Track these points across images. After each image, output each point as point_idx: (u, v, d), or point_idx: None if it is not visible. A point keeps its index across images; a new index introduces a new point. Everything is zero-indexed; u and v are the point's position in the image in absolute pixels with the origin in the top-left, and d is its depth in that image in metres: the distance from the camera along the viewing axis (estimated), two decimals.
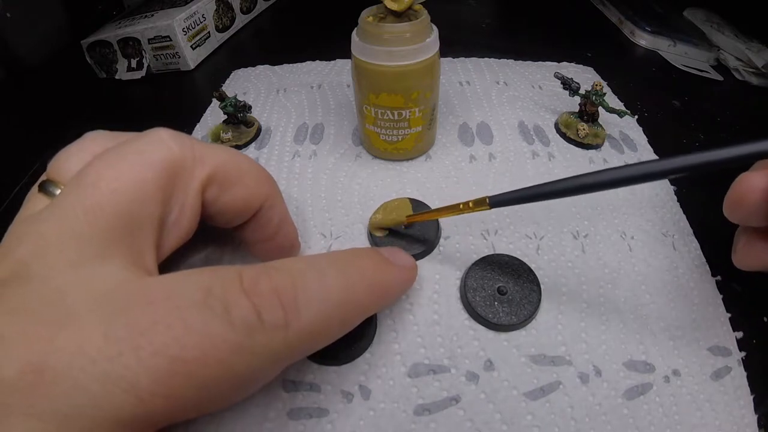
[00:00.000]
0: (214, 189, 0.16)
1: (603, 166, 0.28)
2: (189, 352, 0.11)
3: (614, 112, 0.29)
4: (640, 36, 0.44)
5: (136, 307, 0.12)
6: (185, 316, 0.12)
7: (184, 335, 0.11)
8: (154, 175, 0.14)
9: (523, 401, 0.18)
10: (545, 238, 0.24)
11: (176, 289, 0.12)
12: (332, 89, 0.35)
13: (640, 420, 0.18)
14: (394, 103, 0.24)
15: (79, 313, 0.11)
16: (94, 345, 0.11)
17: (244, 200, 0.17)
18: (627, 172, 0.15)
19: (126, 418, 0.11)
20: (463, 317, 0.20)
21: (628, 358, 0.20)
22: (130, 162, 0.14)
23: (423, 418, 0.18)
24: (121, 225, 0.13)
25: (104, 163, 0.14)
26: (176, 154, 0.15)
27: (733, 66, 0.41)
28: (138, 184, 0.14)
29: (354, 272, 0.15)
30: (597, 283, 0.22)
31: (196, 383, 0.12)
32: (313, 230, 0.24)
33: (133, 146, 0.14)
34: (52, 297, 0.12)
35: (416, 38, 0.22)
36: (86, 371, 0.11)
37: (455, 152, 0.28)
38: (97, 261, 0.13)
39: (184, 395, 0.11)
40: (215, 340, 0.12)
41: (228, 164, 0.17)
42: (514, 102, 0.33)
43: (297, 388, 0.18)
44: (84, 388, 0.11)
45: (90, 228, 0.13)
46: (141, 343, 0.11)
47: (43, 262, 0.12)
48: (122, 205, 0.13)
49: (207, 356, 0.12)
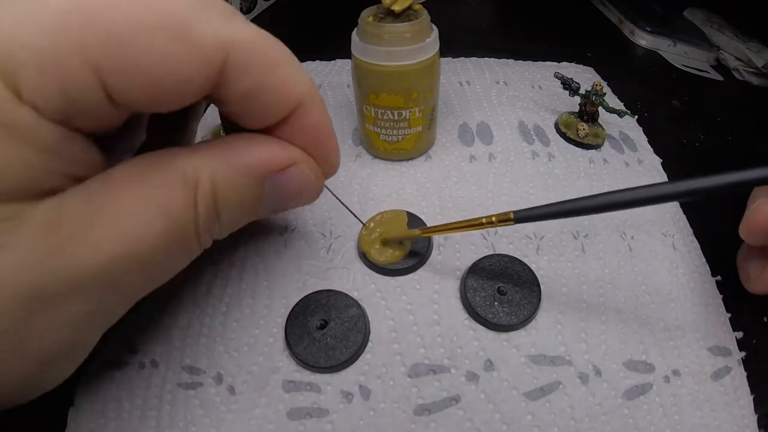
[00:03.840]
0: (239, 70, 0.14)
1: (603, 166, 0.28)
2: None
3: (614, 112, 0.29)
4: (640, 36, 0.44)
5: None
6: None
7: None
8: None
9: (523, 401, 0.18)
10: (545, 238, 0.24)
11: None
12: (332, 89, 0.35)
13: (640, 420, 0.18)
14: (394, 103, 0.24)
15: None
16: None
17: (278, 89, 0.15)
18: (660, 190, 0.15)
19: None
20: (463, 317, 0.20)
21: (628, 358, 0.20)
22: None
23: (423, 418, 0.18)
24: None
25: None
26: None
27: (733, 66, 0.41)
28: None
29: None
30: (597, 283, 0.22)
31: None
32: (313, 230, 0.24)
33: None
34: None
35: (416, 38, 0.22)
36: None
37: (455, 152, 0.28)
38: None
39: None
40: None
41: (269, 43, 0.14)
42: (514, 102, 0.33)
43: (297, 388, 0.18)
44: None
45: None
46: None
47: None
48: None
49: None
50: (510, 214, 0.18)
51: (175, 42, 0.12)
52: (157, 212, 0.13)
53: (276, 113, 0.15)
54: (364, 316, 0.20)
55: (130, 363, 0.19)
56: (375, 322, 0.20)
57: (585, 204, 0.16)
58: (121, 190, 0.13)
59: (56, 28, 0.10)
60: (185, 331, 0.20)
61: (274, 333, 0.20)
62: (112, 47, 0.11)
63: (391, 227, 0.23)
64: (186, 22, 0.12)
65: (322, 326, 0.19)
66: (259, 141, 0.15)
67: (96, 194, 0.12)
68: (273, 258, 0.22)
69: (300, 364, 0.19)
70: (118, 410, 0.18)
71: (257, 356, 0.19)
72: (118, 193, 0.13)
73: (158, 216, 0.13)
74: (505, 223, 0.18)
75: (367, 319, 0.20)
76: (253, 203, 0.16)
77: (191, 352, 0.19)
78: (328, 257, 0.23)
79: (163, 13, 0.11)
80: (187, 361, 0.19)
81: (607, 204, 0.16)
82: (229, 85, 0.13)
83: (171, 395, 0.18)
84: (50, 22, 0.10)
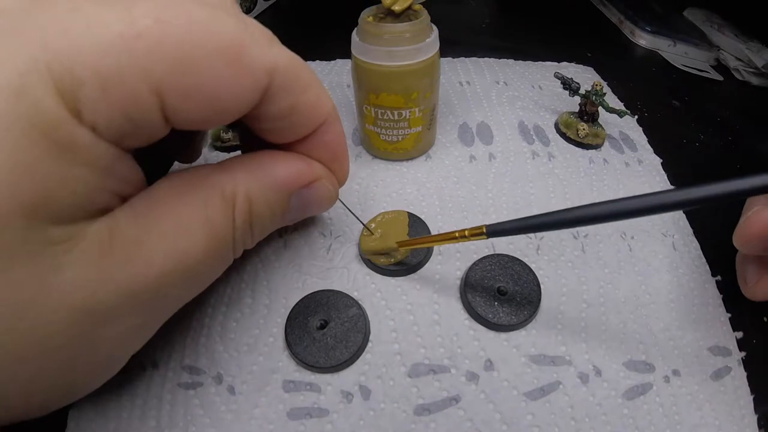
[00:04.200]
0: (280, 91, 0.15)
1: (603, 166, 0.28)
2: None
3: (614, 112, 0.29)
4: (640, 36, 0.44)
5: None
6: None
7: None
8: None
9: (523, 401, 0.18)
10: (545, 238, 0.24)
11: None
12: (332, 89, 0.34)
13: (640, 420, 0.18)
14: (394, 103, 0.24)
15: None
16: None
17: (310, 109, 0.16)
18: (638, 203, 0.14)
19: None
20: (463, 317, 0.20)
21: (628, 358, 0.20)
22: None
23: (423, 418, 0.18)
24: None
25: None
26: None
27: (733, 66, 0.41)
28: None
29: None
30: (597, 283, 0.22)
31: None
32: (313, 229, 0.24)
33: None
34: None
35: (416, 38, 0.22)
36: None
37: (455, 152, 0.28)
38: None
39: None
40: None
41: (302, 67, 0.15)
42: (514, 102, 0.33)
43: (297, 388, 0.18)
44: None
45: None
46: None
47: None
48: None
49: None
50: (483, 228, 0.17)
51: (232, 66, 0.12)
52: (202, 228, 0.14)
53: (305, 130, 0.17)
54: (364, 316, 0.20)
55: (130, 363, 0.19)
56: (375, 322, 0.20)
57: (558, 218, 0.16)
58: (167, 208, 0.13)
59: (121, 52, 0.11)
60: (185, 331, 0.20)
61: (274, 333, 0.20)
62: (177, 72, 0.11)
63: (393, 228, 0.23)
64: (241, 47, 0.12)
65: (322, 326, 0.19)
66: (286, 158, 0.17)
67: (143, 213, 0.13)
68: (273, 258, 0.22)
69: (300, 364, 0.19)
70: (118, 410, 0.18)
71: (257, 356, 0.19)
72: (164, 210, 0.13)
73: (203, 231, 0.14)
74: (478, 237, 0.18)
75: (367, 319, 0.20)
76: (281, 215, 0.17)
77: (191, 352, 0.19)
78: (328, 257, 0.23)
79: (221, 39, 0.12)
80: (187, 361, 0.19)
81: (581, 217, 0.15)
82: (269, 104, 0.14)
83: (171, 395, 0.18)
84: (114, 45, 0.11)
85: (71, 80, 0.10)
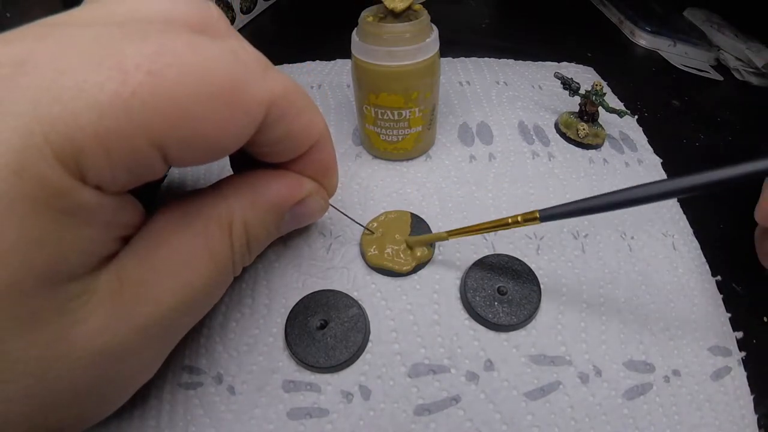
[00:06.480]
0: (275, 121, 0.15)
1: (603, 166, 0.28)
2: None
3: (614, 112, 0.29)
4: (640, 36, 0.44)
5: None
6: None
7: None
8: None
9: (523, 401, 0.18)
10: (545, 238, 0.24)
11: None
12: (332, 89, 0.34)
13: (640, 420, 0.18)
14: (394, 103, 0.24)
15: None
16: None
17: (303, 132, 0.16)
18: (680, 183, 0.15)
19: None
20: (463, 317, 0.20)
21: (628, 358, 0.20)
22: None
23: (423, 418, 0.18)
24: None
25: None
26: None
27: (733, 66, 0.41)
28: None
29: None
30: (597, 283, 0.22)
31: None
32: (313, 229, 0.24)
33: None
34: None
35: (416, 38, 0.22)
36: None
37: (455, 152, 0.28)
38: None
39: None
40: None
41: (295, 92, 0.15)
42: (514, 102, 0.33)
43: (297, 388, 0.18)
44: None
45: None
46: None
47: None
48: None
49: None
50: (536, 213, 0.18)
51: (227, 107, 0.12)
52: (203, 259, 0.14)
53: (298, 152, 0.17)
54: (364, 316, 0.20)
55: None
56: (375, 322, 0.20)
57: (609, 200, 0.16)
58: (168, 245, 0.14)
59: (118, 112, 0.11)
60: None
61: (274, 333, 0.20)
62: (175, 122, 0.11)
63: (395, 229, 0.23)
64: (236, 85, 0.13)
65: (322, 326, 0.19)
66: (278, 178, 0.17)
67: (147, 254, 0.13)
68: (273, 258, 0.22)
69: (300, 364, 0.19)
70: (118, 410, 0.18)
71: (257, 356, 0.19)
72: (166, 248, 0.14)
73: (204, 263, 0.14)
74: (531, 222, 0.18)
75: (367, 319, 0.20)
76: (275, 231, 0.18)
77: (191, 352, 0.19)
78: (328, 257, 0.23)
79: (216, 82, 0.12)
80: (187, 361, 0.19)
81: (631, 199, 0.16)
82: (264, 132, 0.14)
83: (171, 395, 0.18)
84: (111, 106, 0.10)
85: (72, 148, 0.10)
